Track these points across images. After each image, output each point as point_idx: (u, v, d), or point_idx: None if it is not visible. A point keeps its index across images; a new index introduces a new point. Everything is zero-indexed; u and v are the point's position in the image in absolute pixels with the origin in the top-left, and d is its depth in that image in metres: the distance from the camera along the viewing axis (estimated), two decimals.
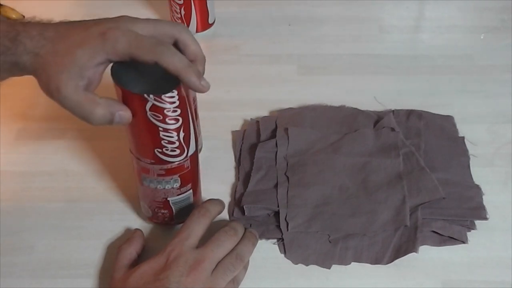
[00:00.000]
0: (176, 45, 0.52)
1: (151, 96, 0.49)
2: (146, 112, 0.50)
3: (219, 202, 0.60)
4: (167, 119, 0.51)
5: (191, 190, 0.60)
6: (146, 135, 0.53)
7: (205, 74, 0.81)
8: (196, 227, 0.55)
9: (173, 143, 0.54)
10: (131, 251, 0.57)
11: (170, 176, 0.56)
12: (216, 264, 0.53)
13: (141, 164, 0.56)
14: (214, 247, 0.54)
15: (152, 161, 0.55)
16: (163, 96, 0.50)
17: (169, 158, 0.55)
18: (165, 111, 0.51)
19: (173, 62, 0.48)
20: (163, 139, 0.53)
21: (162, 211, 0.60)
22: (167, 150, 0.54)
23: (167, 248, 0.54)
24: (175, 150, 0.54)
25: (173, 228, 0.62)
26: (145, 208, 0.62)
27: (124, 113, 0.50)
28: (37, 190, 0.67)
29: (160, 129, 0.52)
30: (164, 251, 0.53)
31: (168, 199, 0.59)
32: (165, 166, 0.55)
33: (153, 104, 0.50)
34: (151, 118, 0.51)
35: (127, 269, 0.55)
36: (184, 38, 0.52)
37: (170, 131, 0.52)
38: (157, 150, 0.54)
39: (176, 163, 0.55)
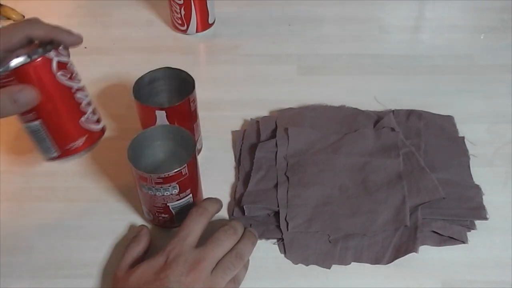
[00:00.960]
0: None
1: (51, 52, 0.49)
2: (55, 75, 0.50)
3: (216, 201, 0.60)
4: (74, 76, 0.51)
5: (190, 195, 0.60)
6: (64, 103, 0.52)
7: (205, 75, 0.82)
8: (195, 226, 0.55)
9: (90, 104, 0.53)
10: (138, 250, 0.58)
11: (168, 183, 0.56)
12: (216, 263, 0.53)
13: (138, 173, 0.56)
14: (214, 246, 0.54)
15: (85, 136, 0.53)
16: (60, 49, 0.50)
17: (95, 126, 0.54)
18: (68, 65, 0.51)
19: (40, 28, 0.51)
20: (81, 101, 0.52)
21: (163, 215, 0.60)
22: (90, 115, 0.53)
23: (166, 248, 0.54)
24: (95, 113, 0.54)
25: (173, 230, 0.62)
26: (146, 211, 0.62)
27: (26, 91, 0.48)
28: (37, 190, 0.67)
29: (73, 89, 0.51)
30: (164, 250, 0.53)
31: (168, 204, 0.59)
32: (162, 175, 0.55)
33: (58, 61, 0.50)
34: (62, 79, 0.50)
35: (130, 268, 0.55)
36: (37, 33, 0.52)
37: (82, 90, 0.52)
38: (81, 120, 0.53)
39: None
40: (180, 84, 0.66)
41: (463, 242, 0.60)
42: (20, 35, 0.52)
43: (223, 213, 0.64)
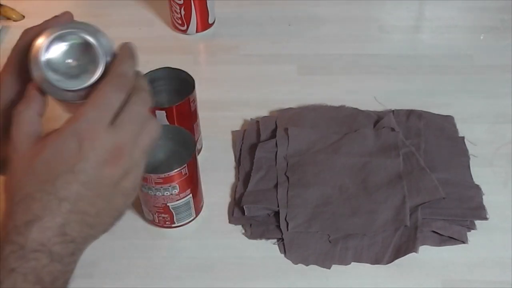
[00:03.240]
0: None
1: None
2: None
3: (134, 57, 0.46)
4: None
5: (190, 195, 0.60)
6: None
7: (205, 75, 0.82)
8: (113, 102, 0.42)
9: None
10: (31, 115, 0.43)
11: (168, 183, 0.56)
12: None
13: None
14: (134, 125, 0.43)
15: None
16: None
17: None
18: None
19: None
20: None
21: (163, 215, 0.60)
22: None
23: (76, 126, 0.41)
24: None
25: (173, 230, 0.62)
26: (146, 212, 0.62)
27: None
28: None
29: None
30: (73, 129, 0.41)
31: (168, 204, 0.59)
32: (162, 175, 0.55)
33: None
34: None
35: (34, 139, 0.43)
36: None
37: None
38: None
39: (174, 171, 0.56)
40: (180, 84, 0.66)
41: (463, 242, 0.60)
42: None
43: (223, 213, 0.64)
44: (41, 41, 0.43)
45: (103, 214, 0.43)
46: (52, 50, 0.43)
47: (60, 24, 0.45)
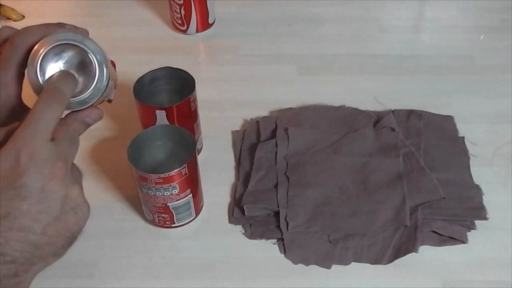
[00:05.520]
0: None
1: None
2: None
3: (71, 78, 0.46)
4: None
5: (190, 195, 0.60)
6: None
7: (205, 74, 0.82)
8: (49, 117, 0.42)
9: None
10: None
11: (168, 183, 0.56)
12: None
13: (138, 173, 0.56)
14: (70, 140, 0.45)
15: None
16: None
17: None
18: None
19: (29, 37, 0.47)
20: None
21: (163, 215, 0.60)
22: None
23: (12, 144, 0.41)
24: None
25: (173, 230, 0.62)
26: (146, 211, 0.62)
27: (93, 113, 0.49)
28: None
29: None
30: (11, 146, 0.41)
31: (168, 204, 0.59)
32: (162, 175, 0.55)
33: None
34: None
35: None
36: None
37: None
38: None
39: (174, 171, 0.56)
40: (180, 84, 0.66)
41: (463, 242, 0.60)
42: (12, 65, 0.46)
43: (223, 213, 0.64)
44: (40, 50, 0.46)
45: (51, 233, 0.42)
46: (49, 62, 0.46)
47: (58, 34, 0.47)
